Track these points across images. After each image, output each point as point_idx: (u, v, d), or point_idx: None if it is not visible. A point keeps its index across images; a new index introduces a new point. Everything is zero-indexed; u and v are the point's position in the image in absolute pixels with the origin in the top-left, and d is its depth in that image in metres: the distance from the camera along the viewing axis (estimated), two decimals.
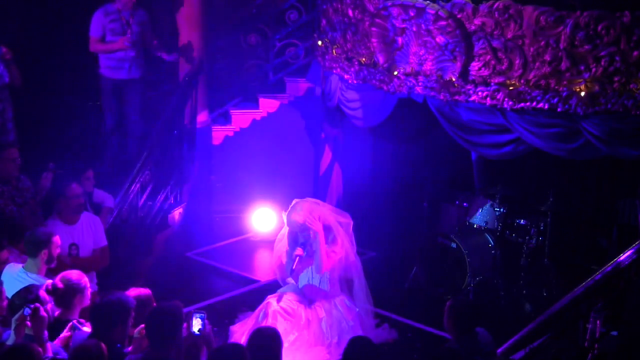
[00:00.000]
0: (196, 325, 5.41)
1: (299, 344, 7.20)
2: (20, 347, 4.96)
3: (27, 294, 5.49)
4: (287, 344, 7.07)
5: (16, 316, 5.24)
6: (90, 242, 7.48)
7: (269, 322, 7.13)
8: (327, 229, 7.39)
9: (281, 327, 7.01)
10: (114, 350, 5.22)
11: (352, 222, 7.56)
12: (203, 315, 5.45)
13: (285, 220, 7.40)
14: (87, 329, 5.51)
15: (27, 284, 5.91)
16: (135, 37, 9.39)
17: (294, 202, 7.39)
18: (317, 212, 7.36)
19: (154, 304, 5.82)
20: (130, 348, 5.37)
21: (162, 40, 9.80)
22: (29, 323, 5.21)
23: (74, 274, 5.91)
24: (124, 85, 9.54)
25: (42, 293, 5.58)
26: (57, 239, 6.54)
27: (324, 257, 7.25)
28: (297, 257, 7.30)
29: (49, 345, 5.28)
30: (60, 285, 5.79)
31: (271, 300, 7.33)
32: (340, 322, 7.29)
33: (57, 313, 5.81)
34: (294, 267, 7.32)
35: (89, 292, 5.93)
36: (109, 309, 5.41)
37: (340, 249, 7.37)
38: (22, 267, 6.42)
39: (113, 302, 5.46)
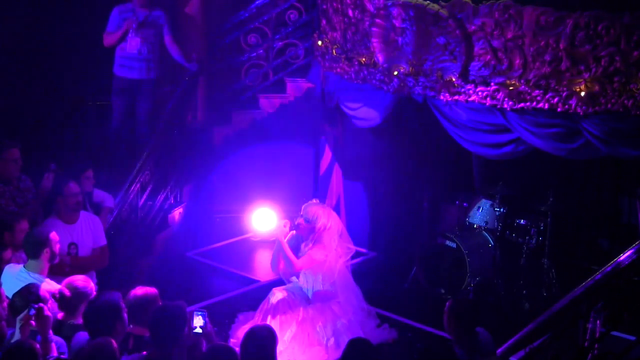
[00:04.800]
0: (197, 323, 5.44)
1: (297, 341, 7.24)
2: (18, 345, 4.97)
3: (28, 294, 5.50)
4: (286, 337, 7.13)
5: (21, 316, 5.25)
6: (89, 242, 7.48)
7: (269, 307, 7.25)
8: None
9: (281, 318, 7.18)
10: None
11: (354, 250, 7.69)
12: (204, 313, 5.48)
13: (304, 206, 7.49)
14: None
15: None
16: (150, 38, 9.38)
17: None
18: (333, 220, 7.45)
19: (160, 303, 5.82)
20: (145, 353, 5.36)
21: (183, 48, 9.77)
22: (33, 322, 5.22)
23: (80, 280, 5.92)
24: (136, 86, 9.54)
25: (43, 292, 5.59)
26: (54, 235, 6.55)
27: (309, 253, 7.34)
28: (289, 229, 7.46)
29: (53, 344, 5.29)
30: (67, 292, 5.80)
31: (275, 290, 7.44)
32: (335, 323, 7.32)
33: (60, 315, 5.82)
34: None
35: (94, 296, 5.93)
36: (102, 313, 5.41)
37: (323, 254, 7.40)
38: (23, 266, 6.43)
39: (103, 305, 5.46)
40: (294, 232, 7.47)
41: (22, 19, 9.87)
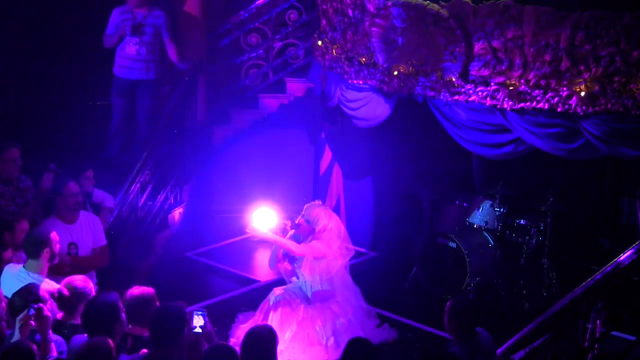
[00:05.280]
0: (197, 323, 5.44)
1: (297, 341, 7.24)
2: (16, 346, 4.96)
3: (28, 294, 5.50)
4: (286, 337, 7.13)
5: (20, 316, 5.25)
6: (89, 241, 7.47)
7: (270, 306, 7.26)
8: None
9: (281, 317, 7.17)
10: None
11: (353, 252, 7.66)
12: (203, 312, 5.48)
13: (306, 207, 7.49)
14: None
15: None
16: (148, 38, 9.38)
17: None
18: (334, 222, 7.44)
19: (157, 302, 5.83)
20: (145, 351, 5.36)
21: (184, 47, 9.76)
22: (33, 323, 5.22)
23: (79, 280, 5.92)
24: (136, 86, 9.53)
25: (42, 292, 5.59)
26: (54, 235, 6.55)
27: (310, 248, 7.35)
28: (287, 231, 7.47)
29: (53, 345, 5.29)
30: (66, 292, 5.80)
31: (276, 290, 7.45)
32: (334, 323, 7.32)
33: (59, 315, 5.81)
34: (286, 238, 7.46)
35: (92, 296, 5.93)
36: (100, 313, 5.41)
37: (324, 248, 7.39)
38: (23, 266, 6.42)
39: (100, 305, 5.45)
40: (293, 231, 7.47)
41: (22, 19, 9.87)
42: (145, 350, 5.31)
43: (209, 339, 5.54)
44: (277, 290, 7.43)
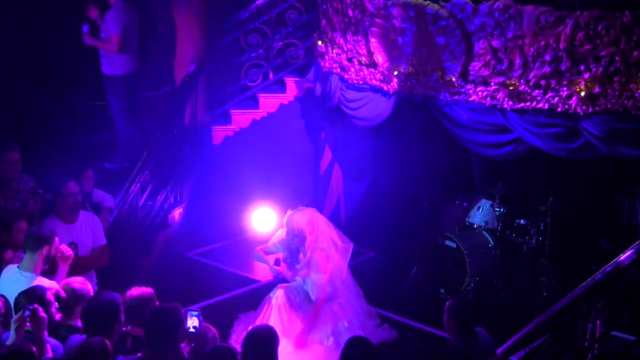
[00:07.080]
0: (191, 323, 5.44)
1: (297, 340, 7.25)
2: (17, 350, 4.95)
3: (33, 294, 5.49)
4: (291, 333, 7.14)
5: (15, 317, 5.24)
6: (89, 241, 7.46)
7: (274, 307, 7.25)
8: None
9: (282, 317, 7.15)
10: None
11: (352, 246, 7.56)
12: (197, 313, 5.48)
13: (284, 221, 7.41)
14: None
15: (22, 283, 5.92)
16: (103, 34, 9.38)
17: (300, 207, 7.47)
18: (318, 223, 7.38)
19: (157, 303, 5.82)
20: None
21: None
22: (28, 324, 5.21)
23: (77, 282, 5.90)
24: (109, 82, 9.57)
25: (49, 295, 5.58)
26: (56, 239, 6.54)
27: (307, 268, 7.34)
28: (280, 261, 7.45)
29: (48, 345, 5.28)
30: (63, 294, 5.79)
31: (278, 289, 7.43)
32: (335, 323, 7.32)
33: (58, 317, 5.81)
34: (277, 270, 7.45)
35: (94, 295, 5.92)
36: (100, 312, 5.40)
37: (325, 256, 7.37)
38: (17, 266, 6.41)
39: (102, 304, 5.45)
40: (283, 237, 7.44)
41: (23, 19, 9.86)
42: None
43: (204, 339, 5.53)
44: (279, 289, 7.42)
